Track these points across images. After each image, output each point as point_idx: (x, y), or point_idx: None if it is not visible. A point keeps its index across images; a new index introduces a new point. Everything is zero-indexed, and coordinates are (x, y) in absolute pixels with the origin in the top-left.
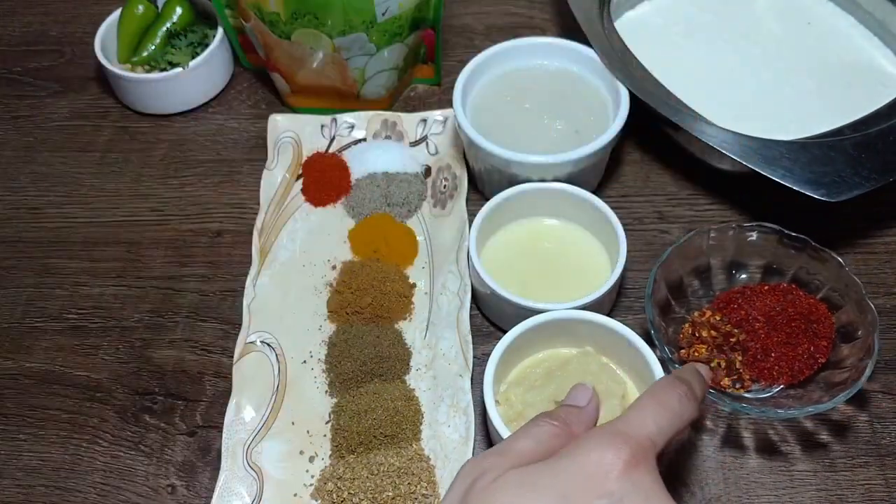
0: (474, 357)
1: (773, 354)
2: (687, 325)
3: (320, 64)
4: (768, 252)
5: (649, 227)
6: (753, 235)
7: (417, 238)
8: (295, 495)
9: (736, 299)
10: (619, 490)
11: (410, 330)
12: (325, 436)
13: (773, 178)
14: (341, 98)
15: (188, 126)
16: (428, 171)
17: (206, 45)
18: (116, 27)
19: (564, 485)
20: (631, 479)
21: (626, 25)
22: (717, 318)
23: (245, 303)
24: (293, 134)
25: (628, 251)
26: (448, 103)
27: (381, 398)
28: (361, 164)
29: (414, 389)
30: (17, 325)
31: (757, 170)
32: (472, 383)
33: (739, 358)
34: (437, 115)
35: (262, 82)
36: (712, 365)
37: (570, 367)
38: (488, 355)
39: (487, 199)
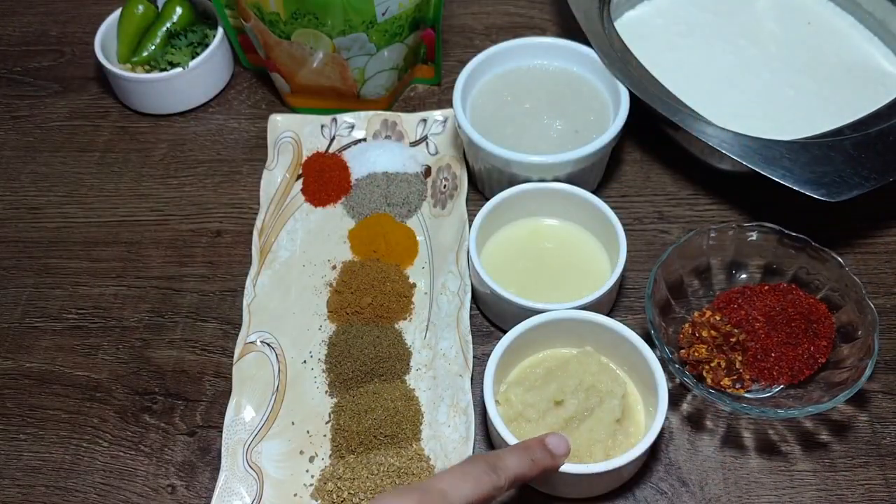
0: (474, 357)
1: (773, 354)
2: (687, 325)
3: (320, 64)
4: (768, 252)
5: (649, 227)
6: (753, 235)
7: (417, 238)
8: (295, 495)
9: (736, 299)
10: None
11: (410, 330)
12: (325, 436)
13: (773, 178)
14: (341, 98)
15: (188, 126)
16: (428, 171)
17: (206, 45)
18: (116, 27)
19: None
20: None
21: (626, 25)
22: (717, 318)
23: (245, 303)
24: (293, 134)
25: (628, 251)
26: (448, 103)
27: (381, 398)
28: (361, 164)
29: (414, 389)
30: (17, 325)
31: (757, 170)
32: (472, 383)
33: (739, 358)
34: (437, 115)
35: (262, 82)
36: (713, 364)
37: (570, 367)
38: (488, 355)
39: (487, 199)
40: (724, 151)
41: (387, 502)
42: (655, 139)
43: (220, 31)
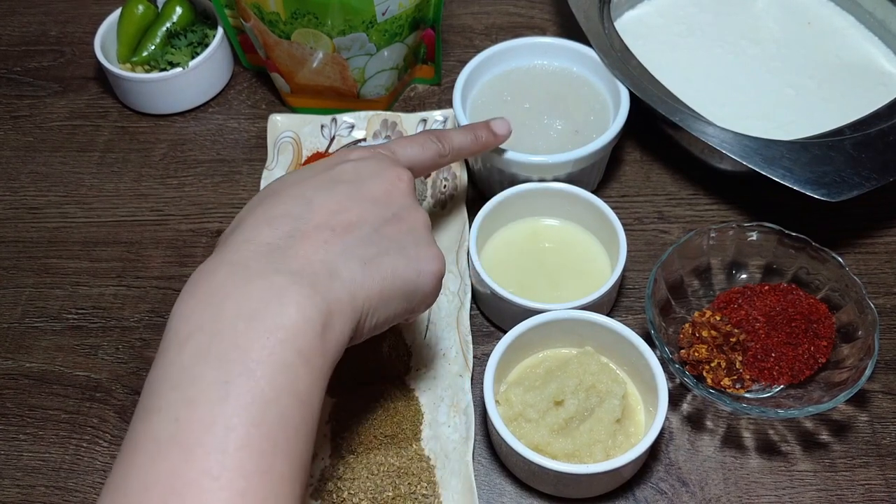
0: (474, 357)
1: (773, 354)
2: (687, 325)
3: (320, 64)
4: (768, 252)
5: (649, 227)
6: (753, 235)
7: None
8: None
9: (736, 299)
10: (356, 158)
11: (410, 330)
12: (325, 436)
13: (773, 178)
14: (341, 98)
15: (188, 126)
16: None
17: (206, 45)
18: (116, 27)
19: (326, 161)
20: (367, 158)
21: (626, 25)
22: (717, 318)
23: None
24: (293, 134)
25: (628, 251)
26: (448, 103)
27: (381, 398)
28: None
29: (414, 389)
30: (17, 325)
31: (757, 170)
32: (472, 383)
33: (739, 358)
34: (437, 115)
35: (262, 82)
36: (713, 364)
37: (570, 367)
38: (488, 355)
39: (487, 199)
40: (724, 151)
41: (345, 152)
42: (655, 139)
43: (220, 31)
